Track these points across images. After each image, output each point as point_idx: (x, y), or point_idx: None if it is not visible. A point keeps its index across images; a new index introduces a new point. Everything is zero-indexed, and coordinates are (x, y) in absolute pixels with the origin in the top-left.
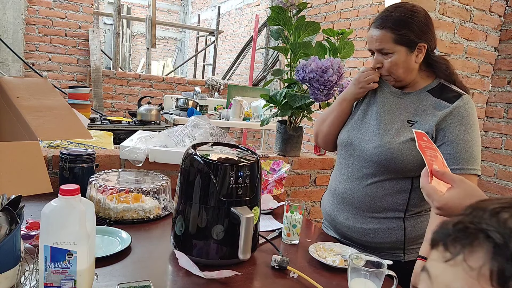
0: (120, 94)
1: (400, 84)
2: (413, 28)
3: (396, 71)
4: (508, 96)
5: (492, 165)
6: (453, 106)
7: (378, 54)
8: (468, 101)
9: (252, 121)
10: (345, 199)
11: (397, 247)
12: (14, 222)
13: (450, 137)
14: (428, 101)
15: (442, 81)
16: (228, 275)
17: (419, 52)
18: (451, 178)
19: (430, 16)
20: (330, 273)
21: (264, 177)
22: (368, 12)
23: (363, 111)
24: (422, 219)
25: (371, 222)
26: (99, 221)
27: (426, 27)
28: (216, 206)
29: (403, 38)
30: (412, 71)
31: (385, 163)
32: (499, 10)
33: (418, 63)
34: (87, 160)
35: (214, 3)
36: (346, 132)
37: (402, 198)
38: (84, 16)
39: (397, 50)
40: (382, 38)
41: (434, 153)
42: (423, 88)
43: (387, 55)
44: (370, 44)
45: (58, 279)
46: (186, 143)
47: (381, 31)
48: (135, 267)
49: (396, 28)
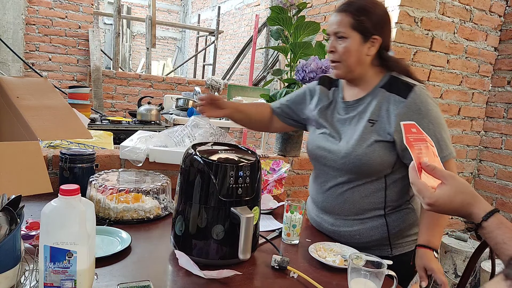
0: (120, 94)
1: (350, 76)
2: (372, 18)
3: (348, 58)
4: (508, 96)
5: (492, 165)
6: (408, 101)
7: (334, 38)
8: (420, 92)
9: None
10: (325, 208)
11: (383, 244)
12: (14, 222)
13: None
14: (383, 97)
15: (393, 74)
16: (228, 275)
17: (372, 45)
18: (441, 174)
19: (390, 16)
20: (330, 273)
21: (264, 177)
22: None
23: (325, 123)
24: (402, 213)
25: (354, 225)
26: (99, 221)
27: (383, 22)
28: (216, 206)
29: (360, 24)
30: (363, 63)
31: (356, 170)
32: (499, 10)
33: (369, 56)
34: (87, 160)
35: (214, 3)
36: (313, 144)
37: (379, 197)
38: (84, 16)
39: (352, 36)
40: (341, 21)
41: (424, 144)
42: (376, 86)
43: (342, 39)
44: (329, 28)
45: (58, 279)
46: (186, 143)
47: (341, 15)
48: (135, 267)
49: (356, 14)
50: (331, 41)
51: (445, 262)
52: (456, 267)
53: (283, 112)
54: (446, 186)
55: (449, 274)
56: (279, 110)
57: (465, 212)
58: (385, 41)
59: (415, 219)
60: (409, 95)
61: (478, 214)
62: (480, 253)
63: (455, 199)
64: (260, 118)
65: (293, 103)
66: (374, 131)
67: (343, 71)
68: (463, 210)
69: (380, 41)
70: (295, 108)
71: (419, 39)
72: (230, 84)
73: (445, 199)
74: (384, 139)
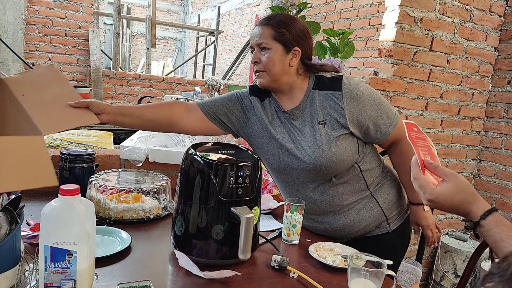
0: (120, 94)
1: (275, 85)
2: (291, 31)
3: (273, 68)
4: (508, 96)
5: (492, 165)
6: (344, 92)
7: (257, 50)
8: (347, 79)
9: None
10: (315, 212)
11: (381, 221)
12: (14, 222)
13: (366, 120)
14: (320, 97)
15: (315, 74)
16: (228, 275)
17: (294, 56)
18: (443, 172)
19: (309, 31)
20: (330, 273)
21: (264, 177)
22: (368, 12)
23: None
24: (386, 186)
25: (349, 215)
26: (99, 221)
27: (303, 35)
28: (216, 206)
29: (281, 36)
30: (287, 73)
31: (329, 170)
32: (499, 10)
33: (292, 66)
34: (87, 160)
35: (214, 3)
36: (276, 162)
37: (359, 179)
38: (84, 16)
39: (274, 47)
40: (263, 33)
41: (425, 143)
42: (307, 90)
43: (265, 50)
44: (252, 40)
45: (58, 279)
46: (186, 143)
47: (263, 27)
48: (135, 267)
49: (277, 26)
50: (254, 53)
51: (445, 262)
52: (456, 267)
53: (214, 111)
54: (448, 184)
55: (449, 274)
56: (209, 108)
57: (463, 211)
58: (306, 52)
59: (398, 187)
60: (342, 86)
61: (476, 213)
62: (480, 253)
63: (455, 197)
64: (163, 118)
65: (225, 106)
66: (329, 130)
67: (267, 80)
68: (462, 208)
69: (301, 53)
70: (227, 111)
71: (419, 39)
72: (230, 84)
73: (446, 197)
74: (341, 133)
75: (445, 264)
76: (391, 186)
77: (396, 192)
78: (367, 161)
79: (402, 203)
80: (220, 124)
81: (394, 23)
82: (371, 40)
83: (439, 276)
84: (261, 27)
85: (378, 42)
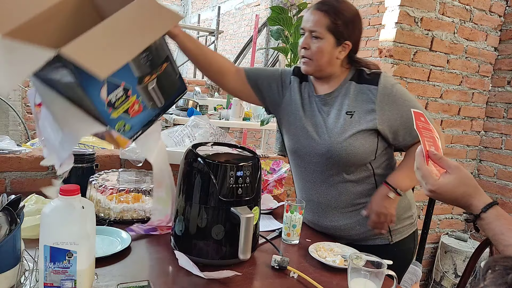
0: None
1: (319, 74)
2: (347, 23)
3: (321, 58)
4: (508, 96)
5: (492, 165)
6: (380, 87)
7: (308, 35)
8: (385, 77)
9: (252, 121)
10: (322, 203)
11: None
12: (14, 222)
13: (397, 119)
14: (355, 88)
15: (357, 68)
16: (228, 275)
17: (343, 49)
18: (447, 164)
19: (361, 23)
20: (330, 273)
21: (264, 177)
22: (368, 12)
23: (305, 117)
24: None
25: (353, 216)
26: (99, 221)
27: (357, 29)
28: (216, 206)
29: (336, 28)
30: (333, 64)
31: (342, 161)
32: (499, 10)
33: (339, 59)
34: (87, 160)
35: (214, 3)
36: (294, 142)
37: (370, 183)
38: None
39: (327, 38)
40: (318, 20)
41: (431, 134)
42: (345, 79)
43: (317, 39)
44: (305, 23)
45: (58, 279)
46: (186, 143)
47: (319, 14)
48: (135, 267)
49: (333, 16)
50: (305, 37)
51: (445, 262)
52: (456, 267)
53: (256, 78)
54: (451, 176)
55: (449, 274)
56: (252, 74)
57: (465, 203)
58: (355, 46)
59: (407, 202)
60: (378, 81)
61: (477, 206)
62: (480, 253)
63: (457, 189)
64: (217, 64)
65: (267, 77)
66: (354, 122)
67: (312, 69)
68: (463, 200)
69: (351, 47)
70: (267, 82)
71: (419, 39)
72: None
73: (448, 188)
74: (365, 128)
75: (445, 264)
76: (401, 200)
77: (405, 206)
78: (383, 167)
79: (409, 218)
80: (257, 92)
81: (394, 23)
82: (371, 40)
83: (439, 276)
84: (317, 12)
85: (378, 42)
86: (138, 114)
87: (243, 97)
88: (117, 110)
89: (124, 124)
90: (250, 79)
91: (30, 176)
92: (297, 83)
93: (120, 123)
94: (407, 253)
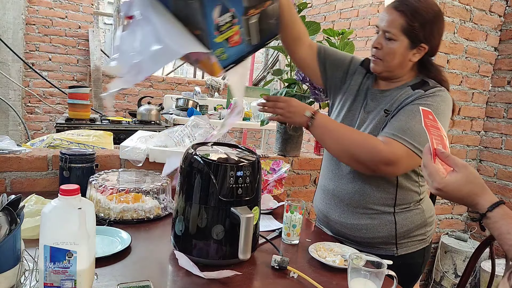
0: (120, 94)
1: (387, 75)
2: (425, 25)
3: (391, 61)
4: (508, 96)
5: (492, 165)
6: (426, 92)
7: (382, 35)
8: (440, 91)
9: (252, 121)
10: (336, 196)
11: (389, 242)
12: (14, 222)
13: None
14: (406, 92)
15: (424, 77)
16: (228, 275)
17: (418, 52)
18: (454, 162)
19: (443, 23)
20: (330, 273)
21: (264, 177)
22: (368, 12)
23: (353, 107)
24: (412, 213)
25: (362, 218)
26: (99, 221)
27: (436, 30)
28: (216, 206)
29: (411, 31)
30: (404, 67)
31: None
32: (499, 10)
33: (412, 62)
34: (87, 160)
35: None
36: None
37: (390, 192)
38: (84, 16)
39: (401, 40)
40: (393, 21)
41: (439, 133)
42: (405, 83)
43: (390, 40)
44: (380, 22)
45: (58, 279)
46: (186, 143)
47: (395, 13)
48: (135, 267)
49: (410, 17)
50: (378, 36)
51: (445, 262)
52: (456, 267)
53: (325, 57)
54: (458, 174)
55: (449, 274)
56: (323, 51)
57: (471, 202)
58: (432, 49)
59: (423, 220)
60: (430, 89)
61: (483, 205)
62: (480, 253)
63: (464, 188)
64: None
65: (336, 59)
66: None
67: (381, 69)
68: (469, 199)
69: (427, 50)
70: (333, 66)
71: None
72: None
73: (454, 187)
74: None
75: (445, 264)
76: (417, 216)
77: (419, 224)
78: (408, 180)
79: (421, 235)
80: (322, 72)
81: None
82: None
83: (439, 276)
84: (393, 12)
85: None
86: (235, 46)
87: (307, 71)
88: (221, 35)
89: (222, 52)
90: (319, 56)
91: (30, 176)
92: (362, 74)
93: (220, 50)
94: (414, 267)
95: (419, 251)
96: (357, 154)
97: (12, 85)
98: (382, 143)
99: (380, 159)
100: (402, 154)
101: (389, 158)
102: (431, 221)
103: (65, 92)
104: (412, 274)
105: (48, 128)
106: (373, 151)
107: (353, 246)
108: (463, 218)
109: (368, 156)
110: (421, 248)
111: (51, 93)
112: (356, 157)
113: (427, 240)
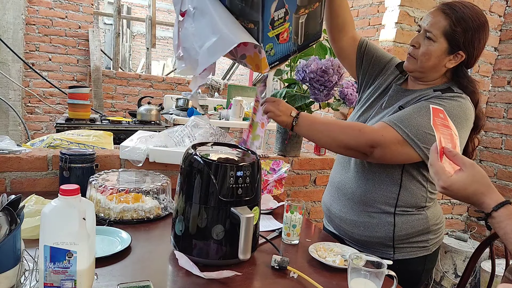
0: (120, 94)
1: (418, 75)
2: (467, 33)
3: (426, 62)
4: (508, 96)
5: (492, 165)
6: (443, 95)
7: (423, 34)
8: (461, 97)
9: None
10: (339, 189)
11: (386, 244)
12: (14, 222)
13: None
14: (427, 94)
15: (453, 85)
16: (228, 275)
17: (454, 59)
18: (461, 161)
19: (487, 38)
20: (330, 273)
21: (264, 177)
22: (368, 12)
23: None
24: (413, 218)
25: (362, 215)
26: (99, 221)
27: (477, 42)
28: (216, 206)
29: (453, 35)
30: (437, 71)
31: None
32: (499, 10)
33: (447, 68)
34: (87, 160)
35: None
36: (351, 119)
37: (392, 192)
38: (84, 16)
39: (440, 42)
40: (436, 22)
41: (448, 131)
42: (430, 87)
43: (429, 40)
44: (423, 22)
45: (58, 279)
46: (186, 143)
47: (440, 15)
48: (135, 267)
49: (455, 22)
50: (418, 34)
51: (445, 262)
52: (456, 267)
53: (364, 52)
54: (464, 173)
55: (449, 274)
56: (365, 45)
57: (476, 201)
58: (469, 59)
59: (426, 226)
60: (449, 93)
61: (489, 204)
62: (480, 253)
63: (470, 187)
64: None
65: (375, 55)
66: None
67: (413, 68)
68: (475, 198)
69: (464, 58)
70: (371, 62)
71: None
72: (230, 84)
73: (460, 186)
74: None
75: (445, 264)
76: (419, 222)
77: (421, 230)
78: (413, 182)
79: (421, 242)
80: (358, 65)
81: (394, 23)
82: (371, 40)
83: (439, 276)
84: (439, 13)
85: (378, 42)
86: (283, 43)
87: (344, 61)
88: (274, 30)
89: (271, 47)
90: (360, 50)
91: (30, 176)
92: (394, 75)
93: (269, 45)
94: (412, 274)
95: (419, 259)
96: (344, 140)
97: (12, 85)
98: (367, 126)
99: (365, 140)
100: (392, 139)
101: (373, 139)
102: (436, 230)
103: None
104: (410, 282)
105: (48, 128)
106: (357, 134)
107: (352, 245)
108: (463, 218)
109: (353, 139)
110: (422, 255)
111: (51, 93)
112: (345, 143)
113: (430, 248)
